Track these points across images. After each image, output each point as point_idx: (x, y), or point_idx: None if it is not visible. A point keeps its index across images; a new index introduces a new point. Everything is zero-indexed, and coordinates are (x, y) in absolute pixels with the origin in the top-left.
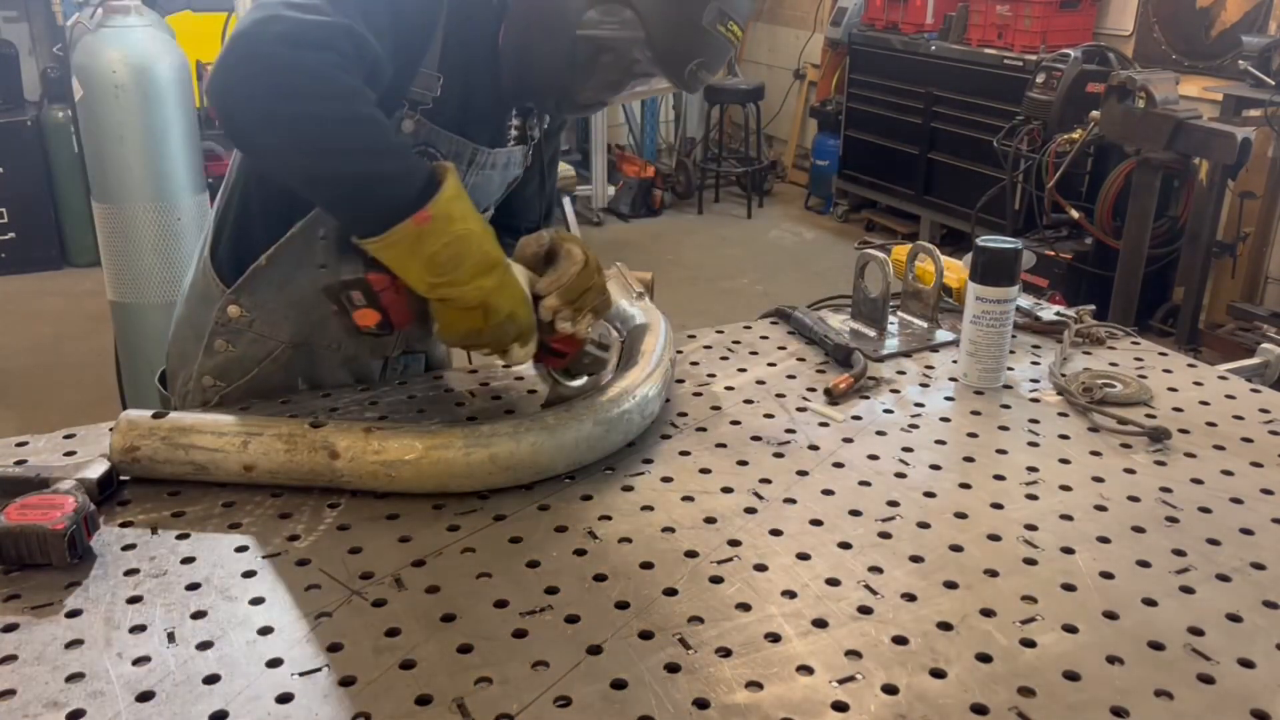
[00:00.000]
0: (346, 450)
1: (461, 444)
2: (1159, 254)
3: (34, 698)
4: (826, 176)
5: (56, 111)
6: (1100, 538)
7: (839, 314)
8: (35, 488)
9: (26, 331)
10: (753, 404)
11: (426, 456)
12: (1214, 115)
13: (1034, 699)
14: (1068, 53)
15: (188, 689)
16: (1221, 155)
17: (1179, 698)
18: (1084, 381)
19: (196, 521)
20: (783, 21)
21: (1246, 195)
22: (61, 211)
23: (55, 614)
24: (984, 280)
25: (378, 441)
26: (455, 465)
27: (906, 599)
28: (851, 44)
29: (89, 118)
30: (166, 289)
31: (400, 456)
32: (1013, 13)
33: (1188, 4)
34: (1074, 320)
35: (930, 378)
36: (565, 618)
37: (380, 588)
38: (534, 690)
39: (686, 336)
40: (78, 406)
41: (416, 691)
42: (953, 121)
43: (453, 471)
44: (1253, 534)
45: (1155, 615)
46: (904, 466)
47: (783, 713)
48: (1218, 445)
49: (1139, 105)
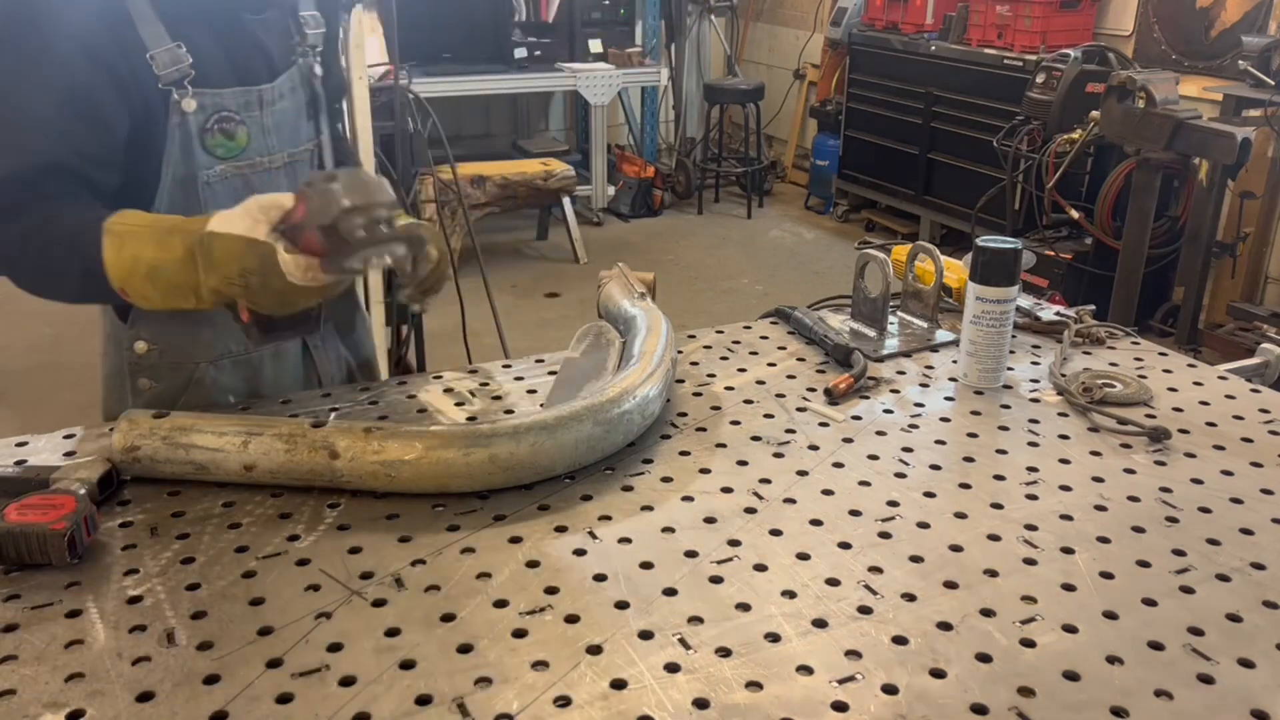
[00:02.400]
0: (346, 450)
1: (461, 444)
2: (1159, 254)
3: (34, 698)
4: (826, 176)
5: None
6: (1100, 538)
7: (839, 314)
8: (35, 488)
9: (26, 331)
10: (753, 404)
11: (426, 456)
12: (1214, 115)
13: (1034, 699)
14: (1068, 53)
15: (188, 689)
16: (1221, 155)
17: (1179, 698)
18: (1084, 381)
19: (196, 521)
20: (783, 21)
21: (1246, 195)
22: None
23: (55, 614)
24: (984, 280)
25: (377, 442)
26: (455, 465)
27: (906, 599)
28: (851, 44)
29: None
30: None
31: (400, 456)
32: (1013, 13)
33: (1188, 4)
34: (1074, 320)
35: (930, 378)
36: (565, 618)
37: (380, 588)
38: (534, 690)
39: (686, 336)
40: (78, 406)
41: (416, 691)
42: (953, 121)
43: (453, 472)
44: (1253, 534)
45: (1155, 615)
46: (904, 466)
47: (783, 713)
48: (1218, 445)
49: (1139, 105)
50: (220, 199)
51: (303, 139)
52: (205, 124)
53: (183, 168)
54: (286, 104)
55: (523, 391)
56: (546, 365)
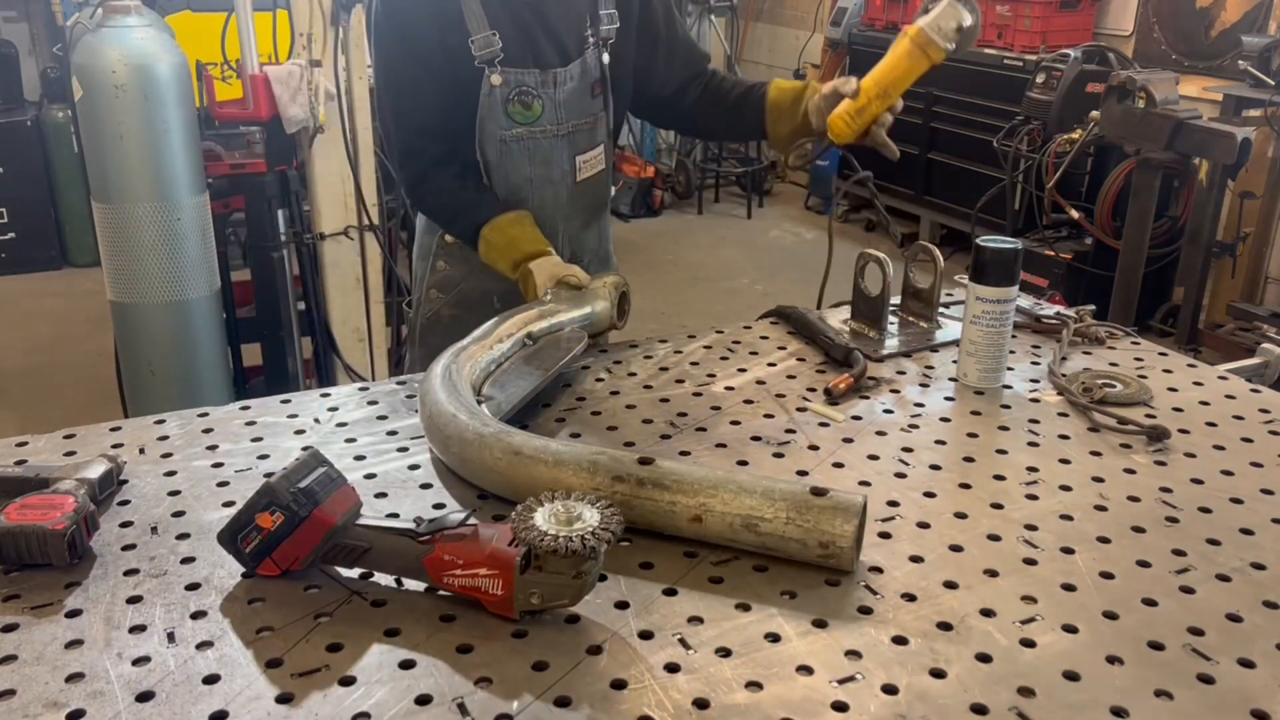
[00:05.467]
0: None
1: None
2: (1159, 254)
3: (34, 698)
4: (826, 176)
5: (56, 111)
6: (1100, 538)
7: (838, 308)
8: (35, 488)
9: (26, 331)
10: (753, 404)
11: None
12: (1214, 115)
13: (1034, 699)
14: (1068, 53)
15: (188, 689)
16: (1221, 155)
17: (1179, 698)
18: (1084, 381)
19: (196, 521)
20: (783, 21)
21: (1246, 195)
22: (61, 211)
23: (55, 614)
24: (984, 280)
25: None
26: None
27: (906, 599)
28: (851, 44)
29: (89, 118)
30: (166, 289)
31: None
32: (1013, 13)
33: (1188, 4)
34: (1073, 320)
35: (930, 378)
36: (565, 618)
37: (380, 588)
38: (534, 690)
39: (686, 336)
40: (78, 406)
41: (416, 691)
42: (953, 121)
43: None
44: (1253, 534)
45: (1155, 615)
46: (904, 466)
47: (783, 713)
48: (1218, 445)
49: (1139, 105)
50: (515, 155)
51: (587, 113)
52: (508, 95)
53: (490, 127)
54: (575, 85)
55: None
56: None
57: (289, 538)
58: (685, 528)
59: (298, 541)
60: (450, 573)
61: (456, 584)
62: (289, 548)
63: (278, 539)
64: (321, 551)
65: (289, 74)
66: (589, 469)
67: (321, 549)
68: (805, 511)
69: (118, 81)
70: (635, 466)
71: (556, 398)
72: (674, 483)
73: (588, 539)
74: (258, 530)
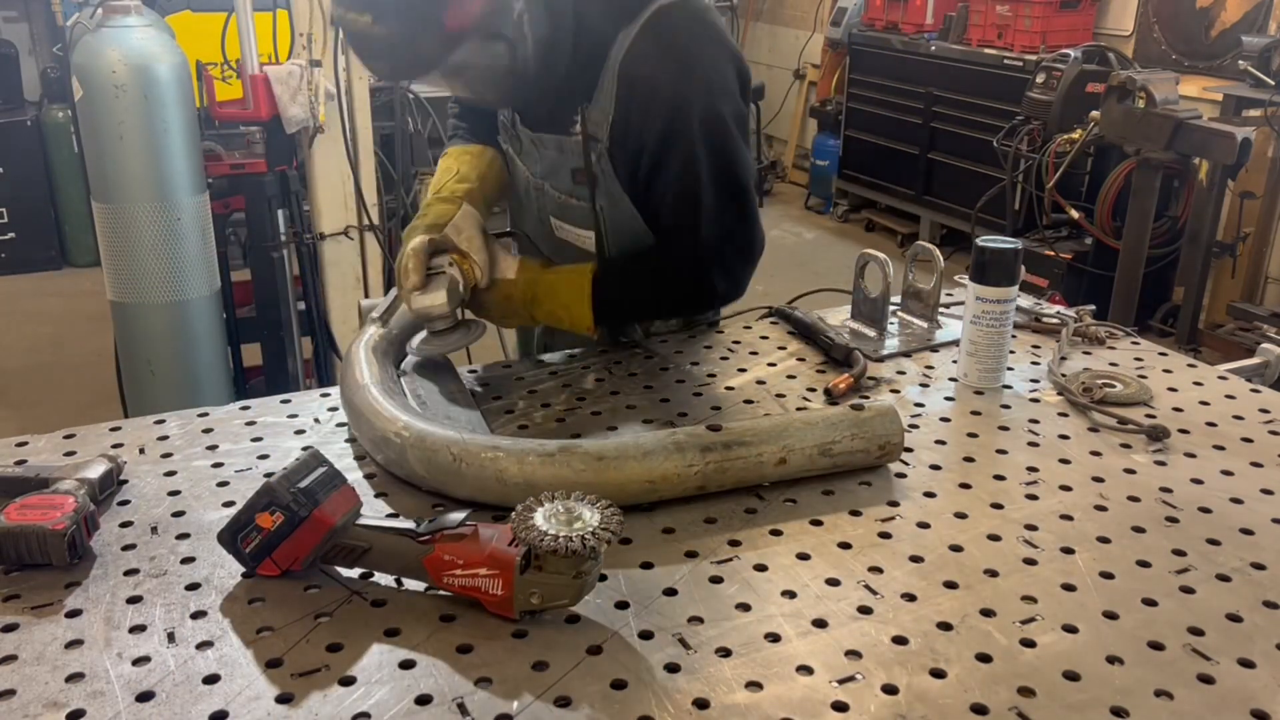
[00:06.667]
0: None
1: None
2: (1159, 254)
3: (34, 698)
4: (826, 176)
5: (56, 111)
6: (1100, 538)
7: (838, 306)
8: (35, 488)
9: (26, 332)
10: (753, 404)
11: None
12: (1214, 115)
13: (1034, 699)
14: (1068, 53)
15: (188, 689)
16: (1221, 155)
17: (1179, 698)
18: (1084, 381)
19: (196, 521)
20: (783, 21)
21: (1246, 195)
22: (61, 211)
23: (55, 614)
24: (984, 280)
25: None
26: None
27: (906, 599)
28: (851, 44)
29: (89, 118)
30: (166, 289)
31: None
32: (1013, 13)
33: (1188, 4)
34: (1073, 320)
35: (930, 378)
36: (565, 618)
37: (380, 588)
38: (534, 690)
39: (687, 336)
40: (78, 406)
41: (416, 691)
42: (953, 121)
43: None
44: (1253, 534)
45: (1155, 615)
46: (904, 466)
47: (783, 713)
48: (1218, 445)
49: (1139, 105)
50: (514, 159)
51: (568, 190)
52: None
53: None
54: (554, 156)
55: (524, 391)
56: (547, 367)
57: (289, 538)
58: (771, 473)
59: (298, 541)
60: (450, 573)
61: (456, 584)
62: (289, 548)
63: (278, 539)
64: (321, 551)
65: (289, 74)
66: (678, 450)
67: (321, 549)
68: (862, 425)
69: (118, 81)
70: (712, 435)
71: (557, 397)
72: (753, 437)
73: (588, 539)
74: (258, 530)
